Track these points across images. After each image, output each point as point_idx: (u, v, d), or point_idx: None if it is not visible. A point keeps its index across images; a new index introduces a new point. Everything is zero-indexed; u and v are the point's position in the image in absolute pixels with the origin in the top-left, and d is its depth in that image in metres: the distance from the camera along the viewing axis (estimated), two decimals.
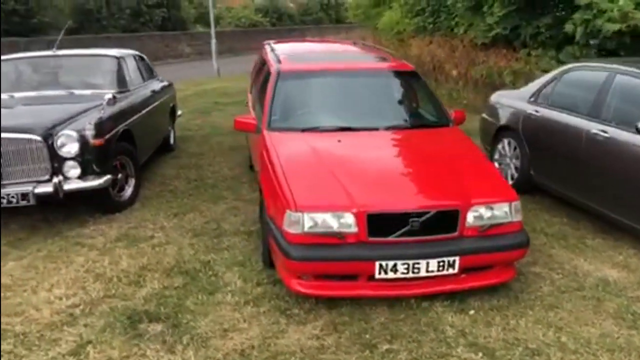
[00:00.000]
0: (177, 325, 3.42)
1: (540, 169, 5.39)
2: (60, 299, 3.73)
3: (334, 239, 3.46)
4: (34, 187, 4.61)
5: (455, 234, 3.55)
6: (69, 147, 4.72)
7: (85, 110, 5.16)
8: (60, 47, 6.59)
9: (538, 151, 5.41)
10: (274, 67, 5.19)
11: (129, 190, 5.51)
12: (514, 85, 8.69)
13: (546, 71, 8.48)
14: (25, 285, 3.93)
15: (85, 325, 3.42)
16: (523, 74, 9.09)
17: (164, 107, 7.50)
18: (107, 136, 4.98)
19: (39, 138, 4.66)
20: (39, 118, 4.88)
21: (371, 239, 3.46)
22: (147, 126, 6.34)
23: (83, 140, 4.75)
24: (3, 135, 4.60)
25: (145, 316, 3.52)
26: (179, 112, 8.49)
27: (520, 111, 5.71)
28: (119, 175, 5.33)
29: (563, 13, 8.56)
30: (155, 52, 22.35)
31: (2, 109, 5.08)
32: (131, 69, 6.56)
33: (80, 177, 4.79)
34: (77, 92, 5.81)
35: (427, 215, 3.47)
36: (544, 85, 5.57)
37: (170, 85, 8.06)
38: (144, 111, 6.21)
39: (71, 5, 24.11)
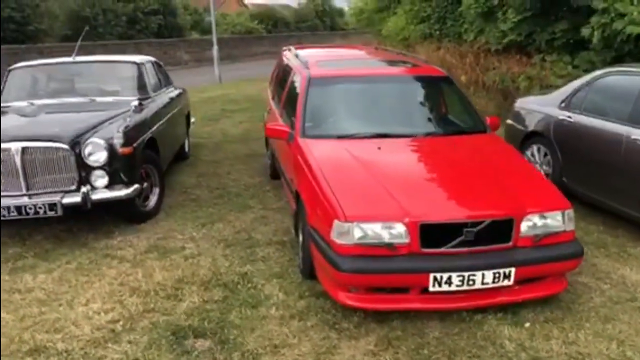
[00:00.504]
0: (224, 341, 3.28)
1: (574, 176, 5.30)
2: (99, 313, 3.58)
3: (384, 250, 3.33)
4: (62, 197, 4.46)
5: (510, 244, 3.44)
6: (97, 156, 4.57)
7: (110, 118, 5.02)
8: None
9: (571, 157, 5.30)
10: (303, 73, 5.07)
11: (153, 200, 5.36)
12: (529, 91, 8.62)
13: (562, 77, 8.47)
14: (60, 299, 3.78)
15: (129, 342, 3.27)
16: (538, 80, 9.02)
17: (181, 114, 7.36)
18: (135, 144, 4.83)
19: (66, 146, 4.50)
20: (65, 126, 4.70)
21: (424, 250, 3.34)
22: (169, 134, 6.20)
23: (111, 149, 4.60)
24: (29, 144, 4.45)
25: (190, 332, 3.38)
26: (192, 119, 8.35)
27: (551, 117, 5.61)
28: (145, 184, 5.18)
29: (579, 17, 8.49)
30: None
31: (24, 117, 4.95)
32: (150, 75, 6.42)
33: (107, 187, 4.64)
34: (98, 99, 5.67)
35: (482, 225, 3.36)
36: (576, 91, 5.47)
37: (184, 92, 7.92)
38: (164, 118, 6.06)
39: (67, 12, 23.89)
